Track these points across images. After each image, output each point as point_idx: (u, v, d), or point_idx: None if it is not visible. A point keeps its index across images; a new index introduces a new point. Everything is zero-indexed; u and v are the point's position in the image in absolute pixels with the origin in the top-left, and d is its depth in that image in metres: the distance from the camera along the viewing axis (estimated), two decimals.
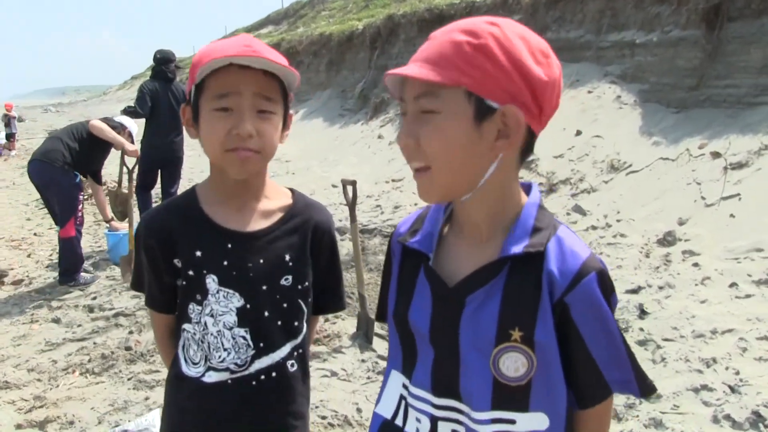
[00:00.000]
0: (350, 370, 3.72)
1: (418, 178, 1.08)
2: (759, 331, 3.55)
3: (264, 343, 1.43)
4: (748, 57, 6.31)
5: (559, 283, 1.05)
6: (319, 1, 24.83)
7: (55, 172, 5.23)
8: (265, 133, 1.34)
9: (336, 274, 1.60)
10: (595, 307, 1.06)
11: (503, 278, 1.07)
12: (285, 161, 11.81)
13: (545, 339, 1.05)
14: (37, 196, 9.46)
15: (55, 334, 4.41)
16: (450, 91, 1.01)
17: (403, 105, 1.09)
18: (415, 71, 1.02)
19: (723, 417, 2.90)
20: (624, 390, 1.11)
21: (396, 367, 1.22)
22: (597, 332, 1.07)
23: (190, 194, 1.47)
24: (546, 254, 1.06)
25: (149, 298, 1.52)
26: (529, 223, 1.08)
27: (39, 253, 6.59)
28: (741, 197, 5.05)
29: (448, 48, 1.01)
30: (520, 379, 1.07)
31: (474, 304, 1.08)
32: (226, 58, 1.28)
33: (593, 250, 1.11)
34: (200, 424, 1.45)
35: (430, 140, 1.02)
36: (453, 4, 11.89)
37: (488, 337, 1.07)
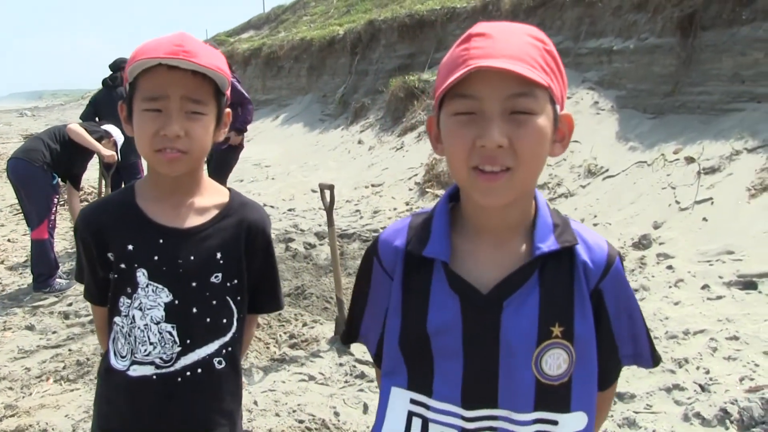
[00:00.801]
0: (328, 374, 3.72)
1: (495, 180, 1.01)
2: (728, 331, 3.62)
3: (191, 339, 1.44)
4: (720, 65, 6.44)
5: (594, 272, 1.09)
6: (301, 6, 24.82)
7: (33, 171, 5.17)
8: (194, 133, 1.35)
9: (271, 274, 1.60)
10: (624, 287, 1.13)
11: (537, 276, 1.08)
12: (265, 166, 11.77)
13: (585, 329, 1.08)
14: (11, 202, 9.35)
15: (28, 342, 4.35)
16: (542, 93, 1.01)
17: (469, 102, 1.00)
18: (524, 70, 0.97)
19: (693, 415, 2.96)
20: (635, 362, 1.17)
21: (399, 384, 1.15)
22: (622, 312, 1.12)
23: (129, 190, 1.50)
24: (575, 247, 1.10)
25: (86, 291, 1.55)
26: (549, 221, 1.11)
27: (13, 259, 6.49)
28: (713, 201, 5.15)
29: (533, 49, 1.01)
30: (562, 377, 1.07)
31: (512, 307, 1.07)
32: (154, 59, 1.29)
33: None
34: (126, 417, 1.46)
35: (528, 141, 1.00)
36: (434, 10, 11.97)
37: (530, 337, 1.07)
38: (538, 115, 1.00)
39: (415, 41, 12.30)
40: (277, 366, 3.84)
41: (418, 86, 10.53)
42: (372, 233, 6.72)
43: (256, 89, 18.02)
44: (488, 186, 1.01)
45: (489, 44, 1.00)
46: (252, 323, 1.68)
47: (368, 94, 12.71)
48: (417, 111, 10.25)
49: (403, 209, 7.59)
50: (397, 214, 7.38)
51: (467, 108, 1.01)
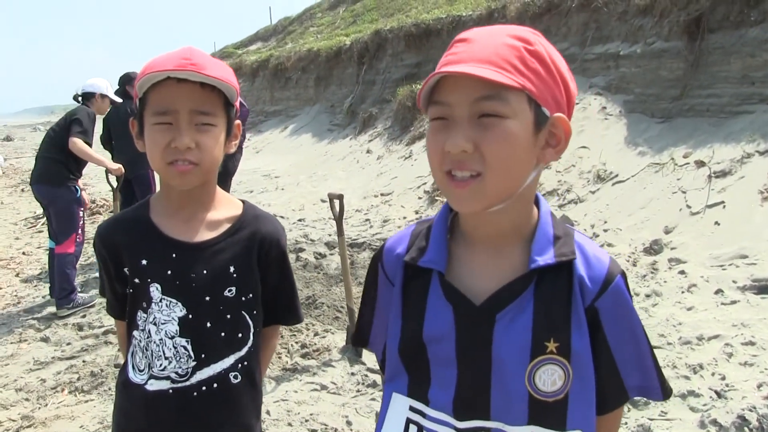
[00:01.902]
0: (340, 384, 3.72)
1: (464, 186, 0.99)
2: (744, 336, 3.59)
3: (205, 354, 1.43)
4: (729, 67, 6.41)
5: (590, 288, 1.04)
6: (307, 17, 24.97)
7: (59, 193, 5.19)
8: (204, 145, 1.36)
9: (288, 287, 1.59)
10: (624, 309, 1.06)
11: (532, 289, 1.04)
12: (274, 177, 11.83)
13: (581, 347, 1.03)
14: (26, 216, 9.46)
15: (43, 353, 4.39)
16: (515, 96, 0.97)
17: (441, 108, 1.00)
18: (486, 72, 0.95)
19: (710, 422, 2.93)
20: (643, 395, 1.11)
21: (399, 390, 1.15)
22: (624, 336, 1.06)
23: (144, 205, 1.51)
24: (574, 261, 1.05)
25: (107, 304, 1.57)
26: (549, 232, 1.07)
27: (27, 272, 6.55)
28: (725, 205, 5.11)
29: (507, 51, 0.97)
30: (557, 393, 1.03)
31: (505, 320, 1.04)
32: (163, 72, 1.31)
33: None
34: (143, 430, 1.46)
35: (495, 146, 0.96)
36: (440, 19, 12.01)
37: (523, 352, 1.03)
38: (508, 119, 0.97)
39: (421, 50, 12.34)
40: (289, 376, 3.84)
41: None
42: (382, 242, 6.72)
43: (265, 101, 18.13)
44: (459, 192, 1.00)
45: (465, 49, 1.00)
46: (273, 336, 1.67)
47: (376, 104, 12.75)
48: (425, 120, 10.27)
49: (412, 218, 7.59)
50: (407, 223, 7.38)
51: (440, 114, 1.01)
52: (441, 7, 13.69)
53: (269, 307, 1.55)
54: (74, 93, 5.47)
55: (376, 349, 1.27)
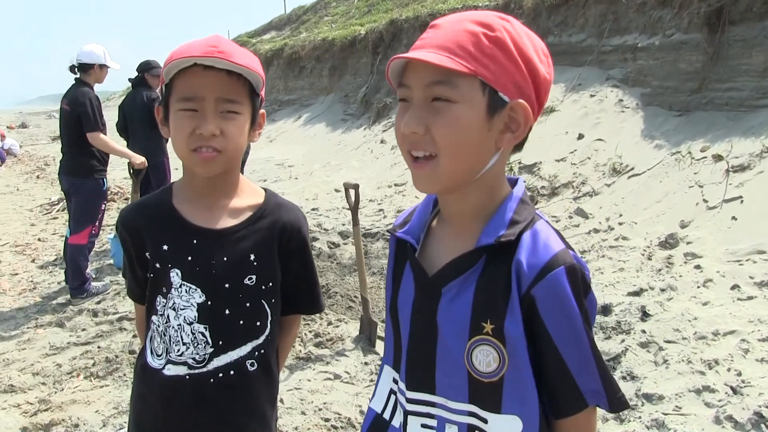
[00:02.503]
0: (353, 373, 3.73)
1: (419, 167, 1.04)
2: (761, 332, 3.55)
3: (223, 340, 1.44)
4: (750, 60, 6.32)
5: (527, 274, 1.02)
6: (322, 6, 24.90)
7: (88, 185, 5.17)
8: (229, 133, 1.37)
9: (309, 276, 1.59)
10: (563, 303, 1.01)
11: (479, 269, 1.06)
12: (288, 166, 11.84)
13: (515, 333, 1.02)
14: (41, 202, 9.54)
15: (59, 339, 4.44)
16: (466, 81, 0.99)
17: (404, 90, 1.05)
18: (434, 58, 0.98)
19: (725, 418, 2.91)
20: (598, 402, 1.05)
21: (388, 362, 1.22)
22: (567, 332, 1.02)
23: (167, 191, 1.52)
24: (519, 245, 1.04)
25: (128, 288, 1.60)
26: (507, 216, 1.07)
27: (43, 258, 6.62)
28: (743, 200, 5.05)
29: (465, 37, 1.00)
30: (492, 375, 1.05)
31: (449, 295, 1.08)
32: (190, 58, 1.31)
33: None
34: (159, 416, 1.47)
35: (443, 129, 1.00)
36: (455, 9, 11.92)
37: (462, 328, 1.06)
38: (457, 103, 0.99)
39: None
40: (303, 365, 3.86)
41: None
42: None
43: (279, 90, 18.13)
44: (416, 173, 1.05)
45: (430, 35, 1.03)
46: (294, 325, 1.68)
47: (390, 94, 12.71)
48: None
49: None
50: None
51: (402, 95, 1.05)
52: None
53: (290, 295, 1.55)
54: (70, 63, 5.16)
55: None
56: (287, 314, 1.59)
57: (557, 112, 8.15)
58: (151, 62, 6.38)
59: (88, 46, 5.23)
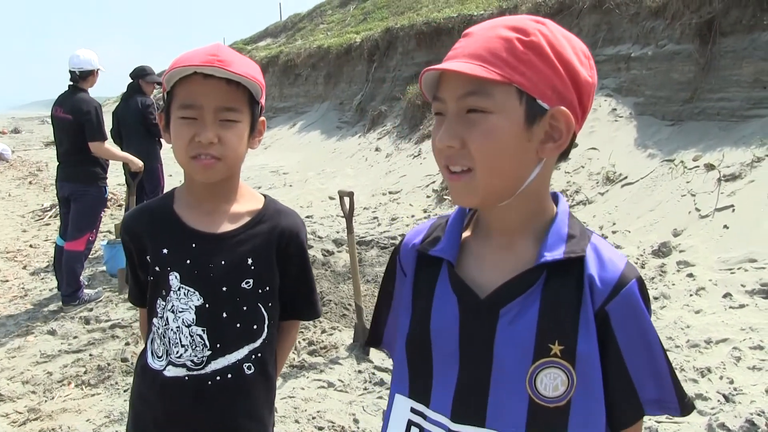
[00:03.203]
0: (347, 381, 3.72)
1: (456, 180, 0.99)
2: (752, 340, 3.57)
3: (221, 343, 1.46)
4: (740, 71, 6.38)
5: (600, 290, 0.98)
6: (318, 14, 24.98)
7: (90, 192, 5.18)
8: (228, 141, 1.39)
9: (306, 281, 1.61)
10: (638, 316, 0.99)
11: (540, 287, 1.00)
12: (282, 173, 11.84)
13: (588, 351, 0.97)
14: (33, 208, 9.50)
15: (50, 346, 4.40)
16: (502, 90, 0.94)
17: (438, 104, 1.00)
18: (465, 67, 0.93)
19: (718, 426, 2.92)
20: (660, 410, 1.03)
21: (401, 392, 1.13)
22: (637, 345, 1.00)
23: (168, 196, 1.55)
24: (586, 260, 0.99)
25: (129, 291, 1.62)
26: (563, 230, 1.03)
27: (35, 264, 6.59)
28: (734, 209, 5.09)
29: (498, 44, 0.95)
30: (559, 400, 0.98)
31: (509, 316, 1.00)
32: (190, 67, 1.33)
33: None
34: (158, 416, 1.49)
35: (479, 142, 0.95)
36: (450, 18, 11.99)
37: (526, 352, 0.99)
38: (493, 114, 0.94)
39: (432, 49, 12.32)
40: (297, 372, 3.85)
41: None
42: (390, 240, 6.73)
43: (274, 97, 18.15)
44: (453, 185, 1.00)
45: (462, 45, 0.99)
46: (292, 330, 1.69)
47: (385, 102, 12.75)
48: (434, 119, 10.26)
49: (420, 216, 7.59)
50: (415, 221, 7.38)
51: (437, 109, 1.01)
52: (452, 6, 13.67)
53: (288, 301, 1.57)
54: (72, 68, 5.15)
55: (390, 348, 1.25)
56: (285, 320, 1.61)
57: None
58: (145, 68, 6.38)
59: (85, 53, 5.25)
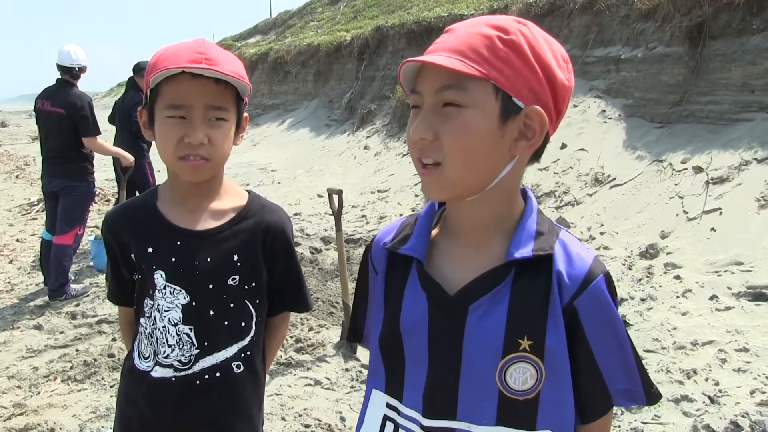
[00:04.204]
0: (334, 379, 3.71)
1: (427, 174, 1.00)
2: (738, 342, 3.60)
3: (208, 342, 1.44)
4: (729, 74, 6.43)
5: (568, 286, 1.00)
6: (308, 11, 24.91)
7: (80, 188, 5.18)
8: (216, 140, 1.38)
9: (295, 275, 1.60)
10: (605, 311, 1.02)
11: (509, 283, 1.02)
12: (271, 170, 11.80)
13: (556, 345, 1.00)
14: (20, 203, 9.40)
15: (36, 341, 4.36)
16: (478, 85, 0.95)
17: (416, 97, 1.01)
18: (445, 61, 0.94)
19: (702, 427, 2.94)
20: (628, 401, 1.06)
21: (378, 387, 1.15)
22: (605, 338, 1.03)
23: (152, 193, 1.53)
24: (554, 256, 1.02)
25: (108, 290, 1.59)
26: (532, 227, 1.04)
27: (21, 259, 6.52)
28: (722, 211, 5.13)
29: (478, 40, 0.96)
30: (527, 393, 1.01)
31: (478, 313, 1.02)
32: (178, 67, 1.31)
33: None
34: (146, 417, 1.47)
35: (452, 135, 0.96)
36: (441, 17, 12.00)
37: (495, 347, 1.01)
38: (467, 108, 0.95)
39: (422, 48, 12.26)
40: (283, 370, 3.84)
41: None
42: None
43: (263, 94, 18.08)
44: (424, 179, 1.01)
45: (443, 40, 1.00)
46: (281, 326, 1.67)
47: (375, 100, 12.74)
48: None
49: (408, 215, 7.59)
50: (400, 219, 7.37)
51: (414, 102, 1.01)
52: (443, 5, 13.69)
53: (277, 295, 1.56)
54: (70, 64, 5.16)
55: (369, 343, 1.26)
56: (275, 314, 1.60)
57: None
58: (140, 64, 6.35)
59: (79, 49, 5.27)
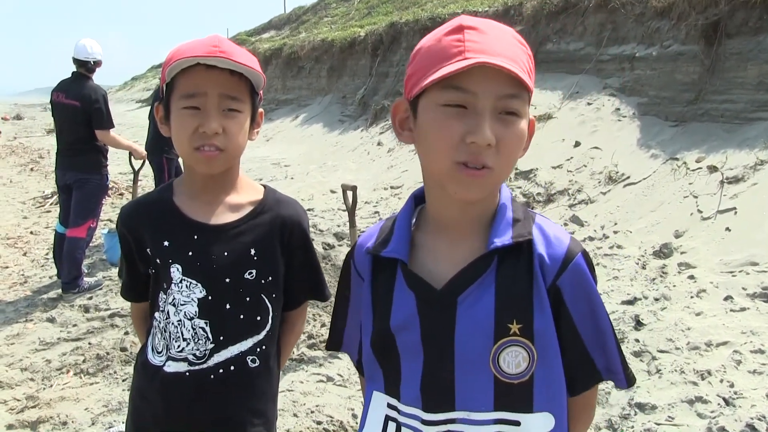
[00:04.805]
0: (346, 376, 3.72)
1: (477, 177, 0.99)
2: (753, 344, 3.56)
3: (224, 336, 1.45)
4: (745, 73, 6.36)
5: (550, 266, 1.05)
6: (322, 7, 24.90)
7: (94, 181, 5.23)
8: (231, 130, 1.38)
9: (313, 266, 1.60)
10: (586, 286, 1.08)
11: (493, 271, 1.06)
12: (284, 166, 11.82)
13: (544, 326, 1.04)
14: (34, 195, 9.48)
15: (49, 334, 4.40)
16: (526, 97, 1.02)
17: (461, 95, 0.98)
18: (522, 73, 0.98)
19: (717, 429, 2.91)
20: (609, 377, 1.11)
21: (377, 388, 1.17)
22: (586, 312, 1.08)
23: (168, 187, 1.53)
24: (533, 241, 1.07)
25: (123, 287, 1.61)
26: (509, 215, 1.09)
27: (35, 251, 6.58)
28: (737, 211, 5.07)
29: (520, 52, 1.01)
30: (522, 375, 1.04)
31: (467, 303, 1.05)
32: (193, 58, 1.32)
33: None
34: (159, 413, 1.48)
35: (512, 144, 1.00)
36: (455, 14, 11.94)
37: (486, 334, 1.04)
38: (522, 118, 1.01)
39: None
40: (296, 366, 3.85)
41: None
42: None
43: (276, 89, 18.11)
44: (470, 181, 1.00)
45: (484, 40, 0.99)
46: (297, 321, 1.67)
47: (388, 96, 12.71)
48: None
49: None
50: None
51: (458, 100, 0.98)
52: (457, 2, 13.63)
53: (295, 288, 1.57)
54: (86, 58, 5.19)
55: (350, 351, 1.28)
56: (293, 308, 1.60)
57: (554, 120, 8.17)
58: None
59: (94, 43, 5.32)
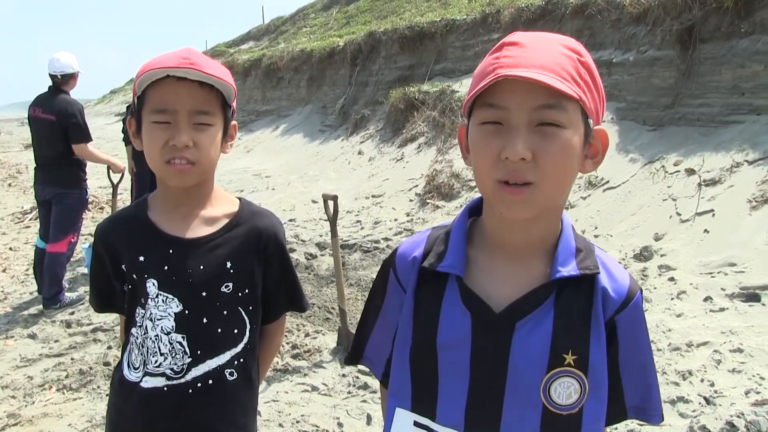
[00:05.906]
0: (331, 385, 3.71)
1: (517, 194, 0.97)
2: (732, 343, 3.62)
3: (201, 350, 1.44)
4: (720, 77, 6.48)
5: (614, 301, 1.04)
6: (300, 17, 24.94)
7: (73, 196, 5.17)
8: (202, 144, 1.37)
9: (290, 278, 1.60)
10: (640, 324, 1.08)
11: (552, 300, 1.03)
12: (265, 177, 11.79)
13: (599, 359, 1.03)
14: (12, 211, 9.36)
15: (31, 350, 4.34)
16: (573, 106, 0.96)
17: (495, 112, 0.97)
18: (553, 81, 0.93)
19: (698, 428, 2.95)
20: (640, 416, 1.10)
21: (402, 405, 1.12)
22: (634, 353, 1.07)
23: (142, 203, 1.52)
24: (597, 275, 1.05)
25: (90, 296, 1.61)
26: (572, 245, 1.07)
27: (15, 267, 6.49)
28: (715, 213, 5.16)
29: (565, 60, 0.97)
30: (572, 407, 1.02)
31: (525, 329, 1.03)
32: (163, 69, 1.31)
33: None
34: (137, 426, 1.46)
35: (554, 156, 0.95)
36: (433, 22, 12.04)
37: (540, 362, 1.02)
38: (566, 129, 0.96)
39: (415, 53, 12.36)
40: (280, 376, 3.83)
41: (418, 97, 10.58)
42: (373, 244, 6.73)
43: (256, 100, 18.08)
44: (512, 199, 0.97)
45: (520, 53, 0.97)
46: (276, 334, 1.67)
47: (368, 105, 12.75)
48: (417, 122, 10.28)
49: (403, 220, 7.60)
50: (398, 225, 7.39)
51: (494, 117, 0.97)
52: (435, 11, 13.75)
53: (273, 300, 1.56)
54: (53, 71, 5.14)
55: (372, 363, 1.25)
56: (272, 320, 1.59)
57: None
58: None
59: (65, 56, 5.24)
